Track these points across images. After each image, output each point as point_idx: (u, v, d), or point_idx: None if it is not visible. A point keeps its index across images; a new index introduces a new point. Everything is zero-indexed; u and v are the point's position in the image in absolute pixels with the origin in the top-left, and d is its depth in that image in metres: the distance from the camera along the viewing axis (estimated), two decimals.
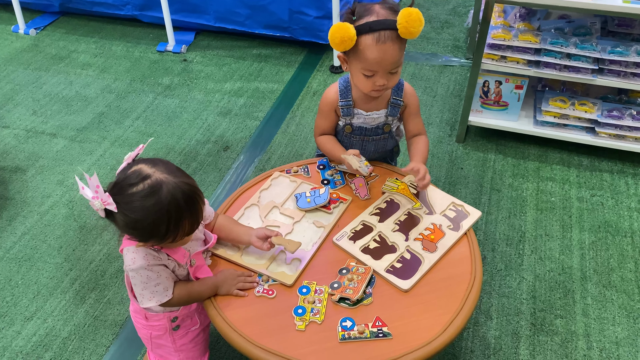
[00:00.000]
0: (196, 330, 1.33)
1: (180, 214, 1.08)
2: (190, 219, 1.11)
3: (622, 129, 2.13)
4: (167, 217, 1.07)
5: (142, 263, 1.14)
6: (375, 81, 1.34)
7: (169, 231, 1.09)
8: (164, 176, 1.08)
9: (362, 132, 1.50)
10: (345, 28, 1.27)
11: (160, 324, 1.28)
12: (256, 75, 2.82)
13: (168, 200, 1.06)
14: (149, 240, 1.12)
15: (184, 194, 1.08)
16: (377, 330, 1.15)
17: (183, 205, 1.08)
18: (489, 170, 2.20)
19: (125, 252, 1.16)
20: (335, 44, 1.30)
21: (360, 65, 1.33)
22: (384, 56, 1.30)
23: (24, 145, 2.40)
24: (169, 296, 1.19)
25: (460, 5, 3.34)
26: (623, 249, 1.88)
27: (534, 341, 1.62)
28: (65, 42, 3.11)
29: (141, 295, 1.19)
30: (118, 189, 1.07)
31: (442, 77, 2.74)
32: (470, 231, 1.37)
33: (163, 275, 1.18)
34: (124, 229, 1.11)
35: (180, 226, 1.10)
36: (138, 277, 1.16)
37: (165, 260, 1.17)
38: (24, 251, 1.93)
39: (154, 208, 1.06)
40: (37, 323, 1.71)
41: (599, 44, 2.02)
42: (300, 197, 1.44)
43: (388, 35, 1.28)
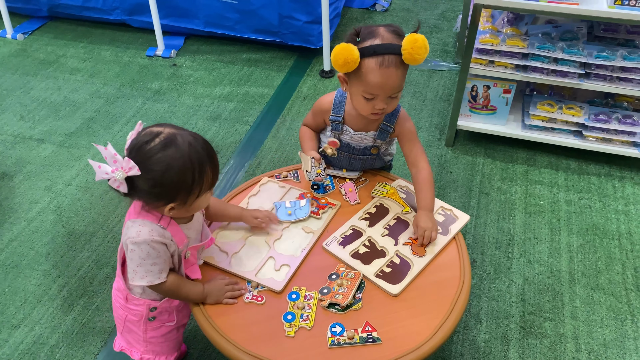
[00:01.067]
0: (170, 327, 1.32)
1: (202, 159, 1.09)
2: (211, 165, 1.12)
3: (608, 132, 2.15)
4: (190, 163, 1.07)
5: (146, 237, 1.13)
6: (375, 104, 1.32)
7: (195, 181, 1.08)
8: (174, 130, 1.10)
9: (350, 149, 1.50)
10: (349, 50, 1.25)
11: (138, 310, 1.27)
12: (246, 79, 2.82)
13: (186, 146, 1.07)
14: (177, 196, 1.09)
15: (199, 140, 1.11)
16: (366, 336, 1.15)
17: (201, 151, 1.09)
18: (477, 174, 2.21)
19: (131, 224, 1.15)
20: (338, 65, 1.27)
21: (362, 87, 1.30)
22: (387, 81, 1.28)
23: (12, 151, 2.37)
24: (161, 279, 1.18)
25: (449, 10, 3.37)
26: (610, 251, 1.90)
27: (524, 344, 1.63)
28: (53, 47, 3.09)
29: (134, 272, 1.17)
30: (135, 152, 1.07)
31: (431, 82, 2.76)
32: (459, 235, 1.38)
33: (162, 255, 1.16)
34: (151, 193, 1.08)
35: (204, 173, 1.10)
36: (138, 251, 1.14)
37: (168, 240, 1.16)
38: (11, 258, 1.91)
39: (176, 154, 1.06)
40: (24, 331, 1.69)
41: (585, 49, 2.04)
42: (279, 207, 1.42)
43: (392, 60, 1.26)
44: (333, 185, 1.52)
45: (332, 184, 1.52)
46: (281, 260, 1.31)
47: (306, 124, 1.57)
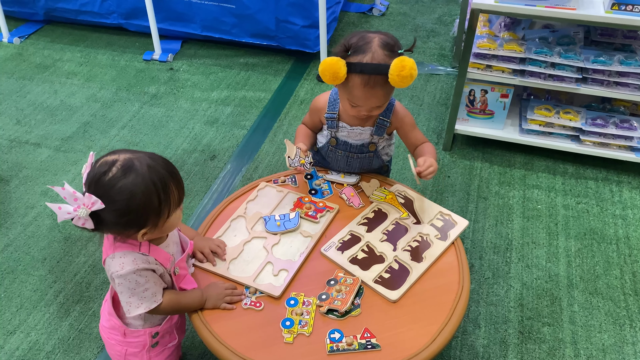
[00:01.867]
0: (172, 347, 1.31)
1: (163, 179, 1.07)
2: (175, 183, 1.09)
3: (606, 137, 2.15)
4: (153, 185, 1.05)
5: (131, 267, 1.11)
6: (360, 111, 1.37)
7: (161, 201, 1.06)
8: (129, 155, 1.07)
9: (347, 147, 1.50)
10: (337, 67, 1.26)
11: (138, 341, 1.25)
12: (243, 84, 2.81)
13: (146, 169, 1.05)
14: (148, 221, 1.07)
15: (158, 160, 1.09)
16: (365, 342, 1.15)
17: (162, 170, 1.07)
18: (475, 179, 2.21)
19: (111, 259, 1.12)
20: (326, 78, 1.29)
21: (347, 96, 1.35)
22: (371, 98, 1.31)
23: (7, 156, 2.36)
24: (157, 301, 1.16)
25: (445, 15, 3.37)
26: (608, 255, 1.90)
27: (522, 349, 1.63)
28: (50, 51, 3.08)
29: (128, 304, 1.15)
30: (95, 185, 1.04)
31: (428, 86, 2.76)
32: (457, 240, 1.38)
33: (151, 280, 1.14)
34: (119, 224, 1.06)
35: (169, 192, 1.08)
36: (126, 283, 1.12)
37: (153, 265, 1.14)
38: (6, 263, 1.90)
39: (137, 179, 1.04)
40: (20, 337, 1.67)
41: (582, 54, 2.05)
42: (268, 220, 1.41)
43: (378, 80, 1.28)
44: (331, 190, 1.52)
45: (330, 189, 1.52)
46: (279, 265, 1.30)
47: (305, 122, 1.59)
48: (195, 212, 2.08)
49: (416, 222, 1.41)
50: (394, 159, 2.31)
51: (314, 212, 1.43)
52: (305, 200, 1.47)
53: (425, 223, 1.41)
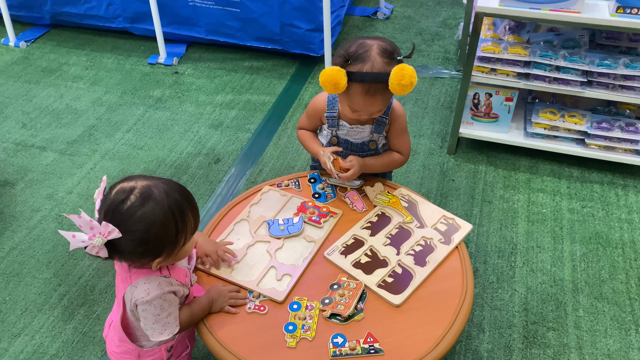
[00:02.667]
0: (185, 356, 1.30)
1: (181, 207, 1.05)
2: (192, 211, 1.09)
3: (611, 140, 2.14)
4: (172, 214, 1.03)
5: (157, 292, 1.09)
6: (360, 115, 1.39)
7: (179, 230, 1.05)
8: (147, 182, 1.05)
9: (348, 146, 1.51)
10: (338, 77, 1.26)
11: (154, 358, 1.23)
12: (248, 87, 2.82)
13: (164, 197, 1.03)
14: (164, 250, 1.05)
15: (174, 187, 1.07)
16: (368, 347, 1.14)
17: (180, 198, 1.06)
18: (480, 182, 2.21)
19: (134, 287, 1.09)
20: (327, 89, 1.30)
21: (347, 102, 1.36)
22: (371, 106, 1.33)
23: (13, 159, 2.37)
24: (178, 326, 1.15)
25: (450, 18, 3.37)
26: (614, 260, 1.89)
27: (527, 354, 1.62)
28: (55, 55, 3.10)
29: (152, 329, 1.12)
30: (112, 214, 1.02)
31: (432, 89, 2.75)
32: (461, 245, 1.37)
33: (174, 304, 1.13)
34: (136, 252, 1.04)
35: (186, 220, 1.07)
36: (151, 309, 1.10)
37: (176, 287, 1.13)
38: (12, 266, 1.90)
39: (156, 209, 1.02)
40: (24, 340, 1.68)
41: (587, 57, 2.04)
42: (272, 224, 1.41)
43: (378, 88, 1.29)
44: (334, 194, 1.52)
45: (333, 193, 1.52)
46: (283, 270, 1.30)
47: (302, 127, 1.59)
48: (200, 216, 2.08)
49: (419, 226, 1.41)
50: None
51: (318, 217, 1.43)
52: (309, 205, 1.47)
53: (429, 227, 1.41)
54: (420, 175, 2.24)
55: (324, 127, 1.54)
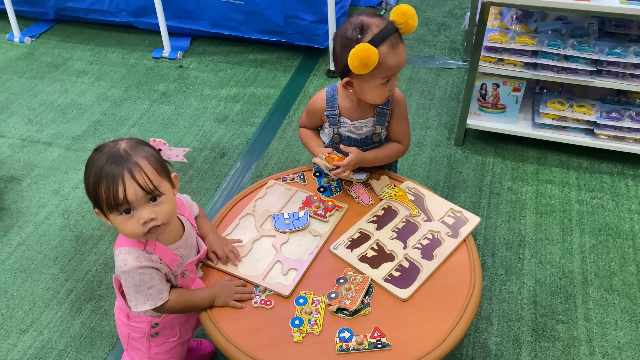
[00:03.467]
0: (174, 342, 1.31)
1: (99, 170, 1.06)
2: (108, 183, 1.04)
3: (621, 130, 2.11)
4: (90, 171, 1.07)
5: (133, 264, 1.11)
6: (391, 85, 1.37)
7: (90, 190, 1.07)
8: (125, 142, 1.10)
9: (351, 142, 1.49)
10: (370, 50, 1.25)
11: (140, 327, 1.26)
12: (252, 80, 2.80)
13: (105, 153, 1.07)
14: (92, 201, 1.08)
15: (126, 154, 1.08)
16: (375, 341, 1.13)
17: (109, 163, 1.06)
18: (487, 174, 2.18)
19: (117, 254, 1.14)
20: (369, 66, 1.25)
21: (380, 75, 1.32)
22: (401, 58, 1.33)
23: (19, 155, 2.38)
24: (163, 299, 1.16)
25: (456, 8, 3.33)
26: (624, 252, 1.86)
27: (536, 347, 1.60)
28: (60, 50, 3.10)
29: (135, 299, 1.15)
30: None
31: (439, 80, 2.73)
32: (469, 238, 1.36)
33: (156, 277, 1.15)
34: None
35: (98, 186, 1.05)
36: (130, 279, 1.13)
37: (157, 264, 1.14)
38: (19, 262, 1.91)
39: (91, 159, 1.08)
40: (32, 335, 1.69)
41: (596, 46, 2.00)
42: (277, 218, 1.40)
43: (396, 38, 1.32)
44: (340, 187, 1.50)
45: (339, 187, 1.51)
46: (288, 264, 1.29)
47: (303, 125, 1.57)
48: (205, 210, 2.08)
49: (427, 220, 1.40)
50: None
51: (323, 210, 1.42)
52: (314, 199, 1.45)
53: (436, 220, 1.39)
54: (427, 168, 2.22)
55: (324, 125, 1.52)
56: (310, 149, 1.53)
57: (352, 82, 1.36)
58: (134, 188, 1.04)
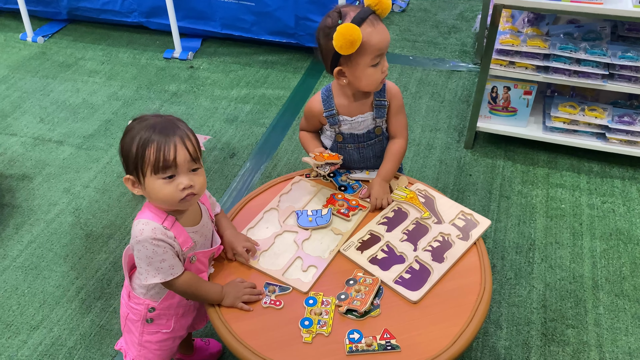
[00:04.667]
0: (166, 334, 1.30)
1: (149, 134, 1.11)
2: (158, 145, 1.11)
3: (633, 134, 2.10)
4: (138, 136, 1.12)
5: (148, 234, 1.13)
6: (382, 65, 1.37)
7: (137, 155, 1.11)
8: (159, 117, 1.17)
9: (355, 139, 1.49)
10: (353, 27, 1.27)
11: (137, 309, 1.26)
12: (262, 81, 2.81)
13: (149, 121, 1.14)
14: (129, 168, 1.14)
15: (170, 122, 1.16)
16: (385, 343, 1.13)
17: (157, 128, 1.12)
18: (497, 177, 2.18)
19: (135, 224, 1.15)
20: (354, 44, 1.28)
21: (369, 56, 1.33)
22: (384, 35, 1.35)
23: (31, 153, 2.40)
24: (174, 274, 1.17)
25: (467, 10, 3.33)
26: (635, 257, 1.85)
27: (545, 351, 1.59)
28: (72, 50, 3.12)
29: (146, 272, 1.16)
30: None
31: (449, 83, 2.72)
32: (479, 240, 1.35)
33: (170, 252, 1.15)
34: (122, 156, 1.16)
35: (146, 148, 1.11)
36: (144, 250, 1.14)
37: (171, 240, 1.15)
38: (30, 260, 1.93)
39: (135, 127, 1.14)
40: (43, 332, 1.70)
41: (609, 49, 1.99)
42: (301, 215, 1.41)
43: (375, 18, 1.34)
44: (360, 184, 1.51)
45: (359, 183, 1.51)
46: (309, 261, 1.30)
47: (303, 129, 1.58)
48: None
49: (437, 222, 1.39)
50: (408, 155, 2.28)
51: (347, 209, 1.42)
52: (339, 197, 1.46)
53: (447, 223, 1.39)
54: (436, 170, 2.22)
55: (325, 128, 1.52)
56: (309, 151, 1.54)
57: (344, 72, 1.37)
58: (184, 153, 1.11)
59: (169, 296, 1.25)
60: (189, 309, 1.32)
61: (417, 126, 2.45)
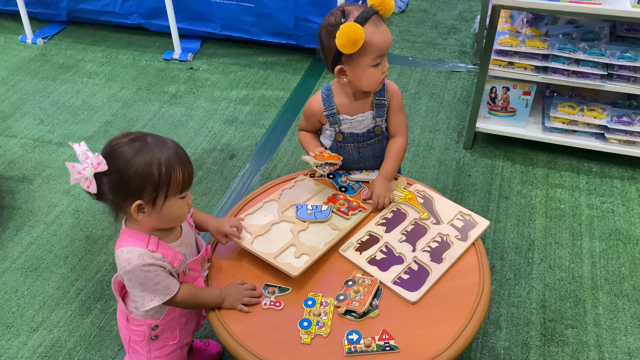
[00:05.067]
0: (173, 346, 1.30)
1: (169, 155, 1.07)
2: (182, 167, 1.09)
3: (632, 134, 2.10)
4: (157, 158, 1.06)
5: (137, 263, 1.10)
6: (383, 66, 1.38)
7: (162, 176, 1.06)
8: (149, 135, 1.11)
9: (354, 138, 1.50)
10: (356, 26, 1.28)
11: (139, 330, 1.25)
12: (262, 82, 2.82)
13: (155, 143, 1.08)
14: (144, 193, 1.06)
15: (171, 141, 1.12)
16: (384, 344, 1.13)
17: (172, 151, 1.09)
18: (497, 178, 2.18)
19: (119, 254, 1.12)
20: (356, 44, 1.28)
21: (370, 56, 1.34)
22: (386, 37, 1.35)
23: (31, 155, 2.40)
24: (171, 293, 1.16)
25: (466, 11, 3.33)
26: (635, 257, 1.85)
27: (544, 352, 1.60)
28: (72, 51, 3.13)
29: (142, 298, 1.15)
30: (105, 148, 1.09)
31: (449, 83, 2.72)
32: (478, 241, 1.36)
33: (162, 274, 1.14)
34: (117, 189, 1.06)
35: (172, 172, 1.07)
36: (135, 278, 1.12)
37: (160, 261, 1.14)
38: (30, 261, 1.93)
39: (142, 148, 1.06)
40: (42, 334, 1.70)
41: (607, 49, 2.00)
42: (300, 208, 1.42)
43: (378, 18, 1.35)
44: (360, 185, 1.52)
45: (359, 184, 1.51)
46: (302, 249, 1.30)
47: (302, 128, 1.59)
48: (214, 212, 2.09)
49: (436, 223, 1.39)
50: (407, 156, 2.29)
51: (347, 209, 1.43)
52: (340, 197, 1.46)
53: (445, 223, 1.39)
54: (435, 171, 2.22)
55: (325, 127, 1.52)
56: (308, 151, 1.54)
57: (345, 70, 1.38)
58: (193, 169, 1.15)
59: (170, 311, 1.24)
60: (191, 316, 1.32)
61: (417, 127, 2.45)
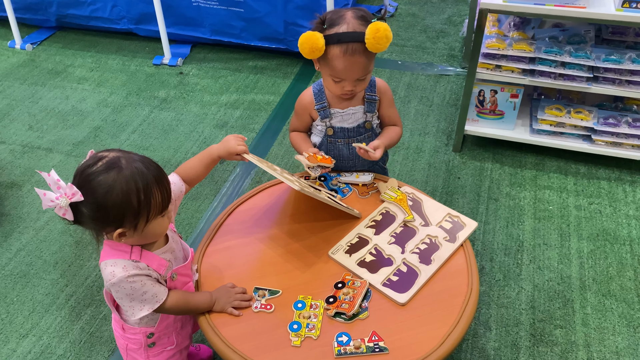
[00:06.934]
0: (172, 351, 1.30)
1: (147, 180, 1.06)
2: (160, 189, 1.08)
3: (618, 136, 2.12)
4: (134, 184, 1.04)
5: (122, 275, 1.10)
6: (344, 86, 1.38)
7: (140, 203, 1.05)
8: (120, 153, 1.08)
9: (345, 133, 1.51)
10: (315, 38, 1.29)
11: (136, 338, 1.25)
12: (252, 87, 2.82)
13: (130, 168, 1.05)
14: (124, 220, 1.06)
15: (146, 162, 1.09)
16: (373, 345, 1.14)
17: (146, 172, 1.07)
18: (486, 180, 2.19)
19: (103, 267, 1.12)
20: (305, 53, 1.33)
21: (329, 72, 1.37)
22: (352, 67, 1.33)
23: (20, 161, 2.39)
24: (160, 301, 1.15)
25: (455, 15, 3.36)
26: (622, 257, 1.87)
27: (534, 352, 1.61)
28: (61, 57, 3.12)
29: (131, 308, 1.15)
30: (78, 177, 1.05)
31: (438, 87, 2.74)
32: (466, 242, 1.37)
33: (148, 283, 1.13)
34: (96, 218, 1.05)
35: (150, 195, 1.06)
36: (122, 290, 1.12)
37: (146, 271, 1.13)
38: (19, 267, 1.92)
39: (119, 176, 1.03)
40: (32, 340, 1.69)
41: (593, 52, 2.02)
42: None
43: (356, 47, 1.31)
44: (351, 188, 1.52)
45: (349, 187, 1.52)
46: (291, 178, 1.34)
47: (293, 128, 1.59)
48: (205, 216, 2.09)
49: (424, 224, 1.40)
50: (394, 158, 2.30)
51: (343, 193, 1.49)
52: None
53: (434, 225, 1.40)
54: (425, 173, 2.23)
55: (315, 123, 1.53)
56: (301, 151, 1.54)
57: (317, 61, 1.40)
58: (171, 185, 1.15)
59: (164, 317, 1.24)
60: (186, 320, 1.32)
61: (406, 130, 2.46)
